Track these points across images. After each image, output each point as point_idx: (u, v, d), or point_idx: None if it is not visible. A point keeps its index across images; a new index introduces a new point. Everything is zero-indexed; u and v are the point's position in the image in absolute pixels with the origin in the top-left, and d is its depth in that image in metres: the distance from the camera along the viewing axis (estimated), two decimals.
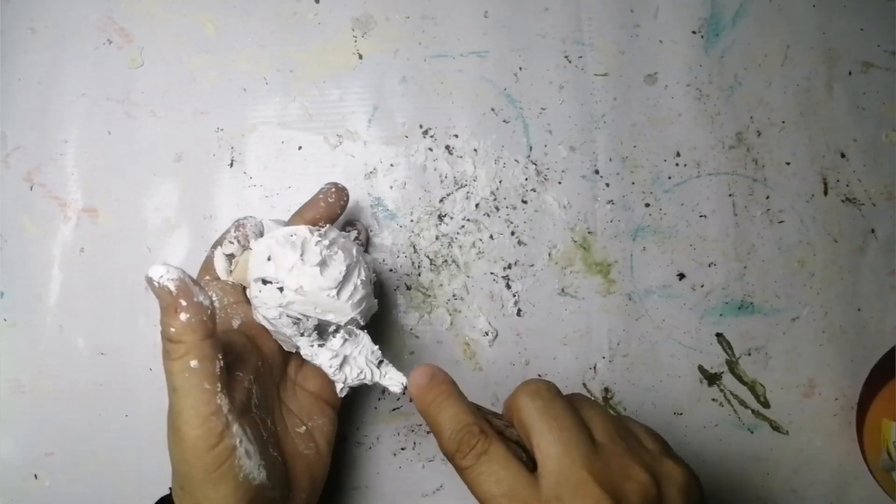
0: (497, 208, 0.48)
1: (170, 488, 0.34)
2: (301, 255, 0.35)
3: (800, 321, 0.47)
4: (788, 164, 0.48)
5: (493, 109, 0.48)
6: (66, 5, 0.49)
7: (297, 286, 0.35)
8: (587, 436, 0.31)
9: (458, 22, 0.49)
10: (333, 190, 0.40)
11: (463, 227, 0.47)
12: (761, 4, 0.49)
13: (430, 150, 0.48)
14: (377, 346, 0.38)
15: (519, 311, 0.47)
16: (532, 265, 0.47)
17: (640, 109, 0.48)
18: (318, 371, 0.37)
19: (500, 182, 0.48)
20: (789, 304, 0.47)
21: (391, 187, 0.48)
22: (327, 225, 0.39)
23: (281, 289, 0.35)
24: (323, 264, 0.35)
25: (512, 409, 0.33)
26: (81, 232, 0.48)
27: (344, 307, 0.36)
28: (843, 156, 0.48)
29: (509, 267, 0.47)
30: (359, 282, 0.36)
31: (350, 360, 0.37)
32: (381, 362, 0.37)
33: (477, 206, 0.48)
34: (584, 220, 0.48)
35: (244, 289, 0.38)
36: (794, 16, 0.49)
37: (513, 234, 0.47)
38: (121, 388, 0.46)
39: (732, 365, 0.47)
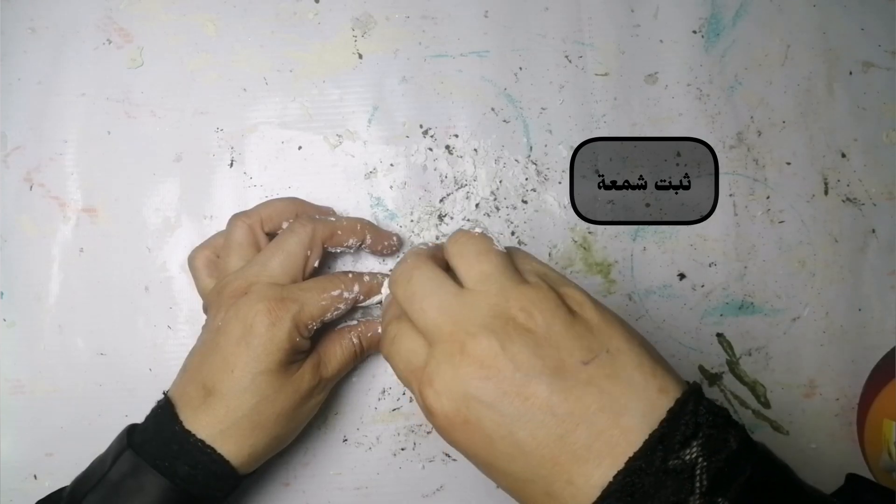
0: (497, 208, 0.48)
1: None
2: None
3: (800, 321, 0.47)
4: (789, 163, 0.48)
5: (493, 109, 0.48)
6: (65, 5, 0.49)
7: None
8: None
9: (459, 22, 0.49)
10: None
11: (463, 227, 0.47)
12: (762, 4, 0.49)
13: (431, 149, 0.48)
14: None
15: None
16: None
17: (641, 109, 0.48)
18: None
19: (501, 182, 0.48)
20: (790, 304, 0.47)
21: (391, 187, 0.48)
22: None
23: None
24: None
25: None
26: (81, 232, 0.48)
27: None
28: (843, 156, 0.48)
29: None
30: None
31: None
32: None
33: (477, 205, 0.47)
34: (584, 220, 0.47)
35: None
36: (794, 15, 0.49)
37: (513, 234, 0.47)
38: (120, 388, 0.46)
39: (733, 365, 0.47)
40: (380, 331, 0.43)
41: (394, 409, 0.46)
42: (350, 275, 0.42)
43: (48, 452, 0.46)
